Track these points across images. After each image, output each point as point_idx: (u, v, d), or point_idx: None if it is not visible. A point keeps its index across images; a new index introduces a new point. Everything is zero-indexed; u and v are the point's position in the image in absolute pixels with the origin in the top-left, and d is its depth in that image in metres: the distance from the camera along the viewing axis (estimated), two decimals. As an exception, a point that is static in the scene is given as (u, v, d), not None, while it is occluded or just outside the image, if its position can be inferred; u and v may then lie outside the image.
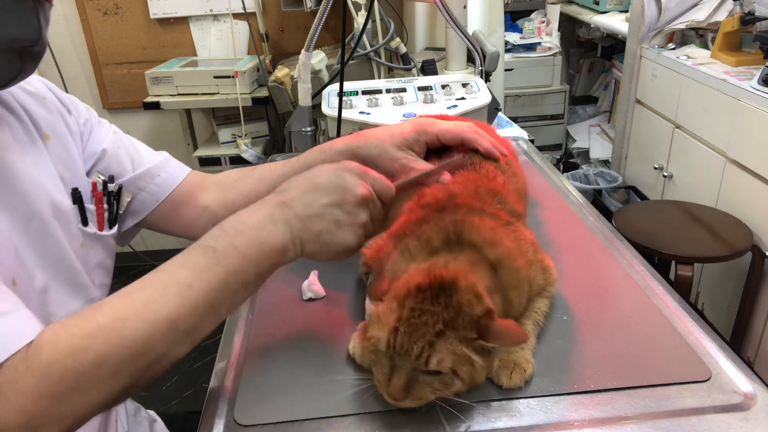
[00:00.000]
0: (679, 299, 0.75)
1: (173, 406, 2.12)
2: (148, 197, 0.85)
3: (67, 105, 0.80)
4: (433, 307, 0.55)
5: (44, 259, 0.68)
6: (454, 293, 0.56)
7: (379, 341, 0.56)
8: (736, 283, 1.96)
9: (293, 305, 0.79)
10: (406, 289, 0.57)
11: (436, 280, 0.57)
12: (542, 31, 3.25)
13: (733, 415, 0.57)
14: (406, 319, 0.55)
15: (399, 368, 0.55)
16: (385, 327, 0.56)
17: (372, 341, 0.57)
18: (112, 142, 0.83)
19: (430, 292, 0.56)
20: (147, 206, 0.85)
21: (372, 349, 0.57)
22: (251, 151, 2.33)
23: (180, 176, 0.88)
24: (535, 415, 0.58)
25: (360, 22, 1.89)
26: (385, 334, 0.55)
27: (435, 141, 0.83)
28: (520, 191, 0.83)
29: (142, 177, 0.84)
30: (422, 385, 0.55)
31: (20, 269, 0.64)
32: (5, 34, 0.59)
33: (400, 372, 0.55)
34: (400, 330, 0.54)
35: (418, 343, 0.54)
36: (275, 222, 0.62)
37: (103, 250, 0.79)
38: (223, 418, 0.61)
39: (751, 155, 1.86)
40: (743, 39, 2.13)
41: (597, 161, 3.08)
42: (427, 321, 0.54)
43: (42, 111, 0.75)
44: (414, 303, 0.55)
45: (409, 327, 0.54)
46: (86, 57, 2.59)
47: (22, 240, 0.65)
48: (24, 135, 0.71)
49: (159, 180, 0.86)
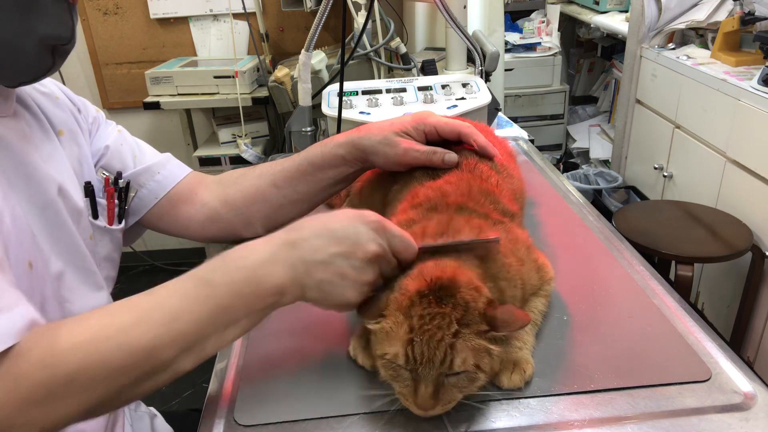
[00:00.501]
0: (679, 299, 0.75)
1: (173, 406, 2.12)
2: (147, 194, 0.86)
3: (78, 104, 0.83)
4: (441, 309, 0.55)
5: (59, 246, 0.70)
6: (456, 291, 0.56)
7: (395, 356, 0.55)
8: (736, 283, 1.96)
9: (293, 305, 0.78)
10: (407, 298, 0.56)
11: (435, 282, 0.56)
12: (542, 31, 3.25)
13: (733, 415, 0.57)
14: (419, 327, 0.54)
15: (424, 378, 0.54)
16: (397, 341, 0.55)
17: (387, 358, 0.56)
18: (116, 140, 0.85)
19: (433, 296, 0.56)
20: (146, 203, 0.86)
21: (388, 366, 0.56)
22: (251, 151, 2.33)
23: (180, 175, 0.88)
24: (535, 415, 0.58)
25: (360, 22, 1.89)
26: (401, 348, 0.55)
27: (433, 132, 0.83)
28: (515, 191, 0.83)
29: (142, 174, 0.85)
30: (449, 388, 0.55)
31: (37, 253, 0.66)
32: (45, 32, 0.64)
33: (426, 381, 0.54)
34: (415, 340, 0.54)
35: (439, 349, 0.54)
36: (278, 262, 0.59)
37: (110, 243, 0.81)
38: (223, 418, 0.61)
39: (751, 155, 1.86)
40: (743, 39, 2.13)
41: (597, 161, 3.08)
42: (440, 324, 0.54)
43: (55, 109, 0.78)
44: (421, 310, 0.55)
45: (424, 335, 0.54)
46: (86, 57, 2.59)
47: (38, 226, 0.67)
48: (39, 130, 0.74)
49: (159, 177, 0.86)
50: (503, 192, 0.78)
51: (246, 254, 0.59)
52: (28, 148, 0.69)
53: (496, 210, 0.73)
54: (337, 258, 0.59)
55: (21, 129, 0.70)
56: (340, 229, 0.61)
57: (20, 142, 0.69)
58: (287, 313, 0.77)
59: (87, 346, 0.51)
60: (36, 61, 0.66)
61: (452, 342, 0.54)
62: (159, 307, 0.54)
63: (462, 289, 0.56)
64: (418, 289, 0.57)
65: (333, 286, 0.60)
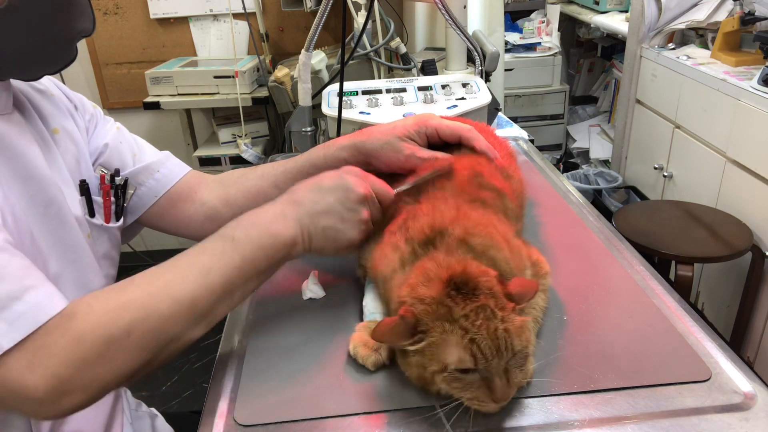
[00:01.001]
0: (679, 299, 0.75)
1: (173, 406, 2.12)
2: (146, 192, 0.86)
3: (74, 101, 0.83)
4: (479, 302, 0.56)
5: (59, 246, 0.71)
6: (475, 281, 0.57)
7: (461, 362, 0.55)
8: (736, 283, 1.96)
9: (293, 305, 0.79)
10: (445, 306, 0.56)
11: (453, 280, 0.57)
12: (542, 31, 3.25)
13: (733, 415, 0.57)
14: (472, 325, 0.55)
15: (497, 371, 0.55)
16: (455, 347, 0.55)
17: (452, 368, 0.55)
18: (115, 137, 0.85)
19: (460, 294, 0.57)
20: (146, 201, 0.86)
21: (452, 377, 0.56)
22: (251, 151, 2.33)
23: (180, 173, 0.88)
24: (535, 415, 0.58)
25: (360, 22, 1.89)
26: (464, 352, 0.54)
27: (434, 135, 0.85)
28: (515, 192, 0.83)
29: (141, 172, 0.85)
30: (514, 371, 0.56)
31: (36, 253, 0.67)
32: (80, 27, 0.69)
33: (499, 372, 0.55)
34: (476, 338, 0.54)
35: (499, 337, 0.55)
36: (286, 218, 0.68)
37: (108, 242, 0.81)
38: (223, 418, 0.61)
39: (751, 155, 1.85)
40: (743, 39, 2.13)
41: (597, 161, 3.08)
42: (487, 315, 0.55)
43: (50, 107, 0.78)
44: (462, 310, 0.56)
45: (480, 330, 0.54)
46: (86, 57, 2.59)
47: (39, 226, 0.68)
48: (33, 129, 0.74)
49: (158, 175, 0.86)
50: None
51: (258, 214, 0.68)
52: (26, 146, 0.69)
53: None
54: (334, 205, 0.70)
55: (19, 127, 0.70)
56: (330, 182, 0.72)
57: (19, 140, 0.69)
58: (287, 314, 0.77)
59: (140, 299, 0.57)
60: (66, 55, 0.70)
61: (505, 326, 0.55)
62: (193, 265, 0.62)
63: (479, 278, 0.57)
64: (441, 292, 0.57)
65: (336, 231, 0.70)
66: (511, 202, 0.79)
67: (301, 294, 0.80)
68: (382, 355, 0.65)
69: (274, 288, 0.81)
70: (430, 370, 0.57)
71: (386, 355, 0.65)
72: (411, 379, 0.60)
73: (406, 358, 0.59)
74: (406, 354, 0.58)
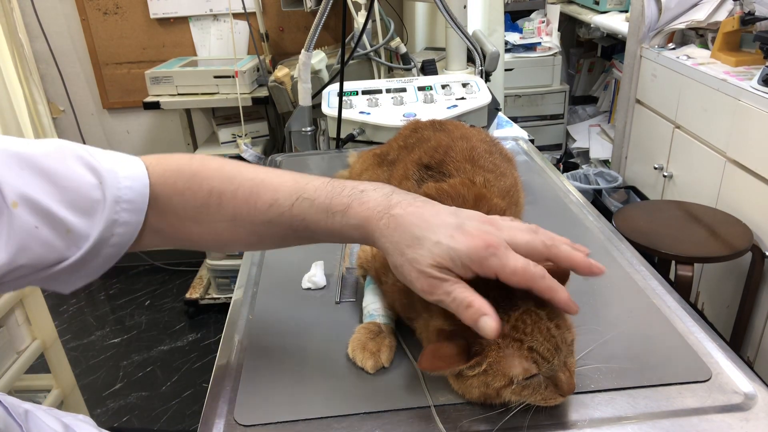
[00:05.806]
0: (679, 299, 0.75)
1: (173, 406, 2.12)
2: (113, 252, 0.62)
3: None
4: (520, 308, 0.55)
5: None
6: (504, 287, 0.56)
7: (527, 371, 0.54)
8: (736, 283, 1.96)
9: (293, 306, 0.79)
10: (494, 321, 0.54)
11: (494, 291, 0.56)
12: (542, 31, 3.25)
13: (734, 415, 0.57)
14: (525, 333, 0.54)
15: (559, 367, 0.55)
16: (517, 359, 0.54)
17: (519, 379, 0.54)
18: (21, 242, 0.54)
19: (500, 306, 0.55)
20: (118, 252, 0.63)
21: (521, 387, 0.55)
22: (251, 151, 2.33)
23: (136, 226, 0.62)
24: (535, 415, 0.58)
25: (360, 22, 1.90)
26: (527, 361, 0.54)
27: (490, 276, 0.55)
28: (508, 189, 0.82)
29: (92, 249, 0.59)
30: (569, 359, 0.56)
31: None
32: None
33: (561, 368, 0.55)
34: (533, 345, 0.54)
35: (552, 336, 0.55)
36: None
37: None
38: (223, 418, 0.61)
39: (751, 155, 1.86)
40: (743, 39, 2.13)
41: (597, 161, 3.08)
42: (534, 319, 0.55)
43: None
44: (509, 323, 0.55)
45: (534, 335, 0.54)
46: (86, 57, 2.59)
47: None
48: None
49: (113, 239, 0.61)
50: None
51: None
52: None
53: None
54: None
55: None
56: None
57: None
58: (287, 314, 0.77)
59: None
60: None
61: (555, 323, 0.55)
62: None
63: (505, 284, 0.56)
64: (489, 306, 0.55)
65: None
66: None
67: (302, 291, 0.80)
68: (382, 358, 0.65)
69: (274, 288, 0.82)
70: (494, 387, 0.55)
71: (385, 358, 0.65)
72: (472, 398, 0.58)
73: (464, 381, 0.57)
74: (464, 377, 0.57)
